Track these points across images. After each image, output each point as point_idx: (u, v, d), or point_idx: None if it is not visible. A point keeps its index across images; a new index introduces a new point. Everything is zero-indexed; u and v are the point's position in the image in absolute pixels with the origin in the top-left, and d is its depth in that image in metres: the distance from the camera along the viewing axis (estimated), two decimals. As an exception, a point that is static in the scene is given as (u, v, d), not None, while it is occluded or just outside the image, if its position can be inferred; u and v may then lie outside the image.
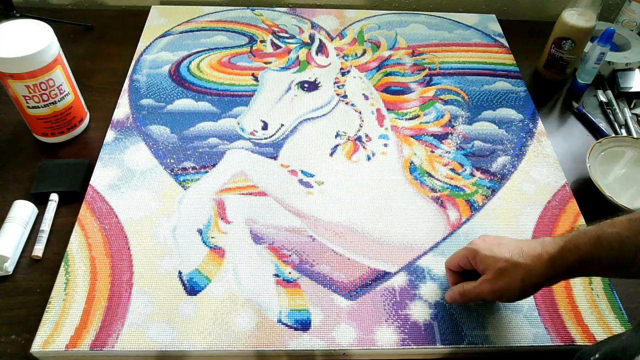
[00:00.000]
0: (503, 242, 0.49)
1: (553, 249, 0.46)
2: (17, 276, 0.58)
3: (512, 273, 0.46)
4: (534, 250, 0.46)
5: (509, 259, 0.47)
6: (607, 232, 0.44)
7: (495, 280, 0.47)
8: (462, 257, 0.52)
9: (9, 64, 0.61)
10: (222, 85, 0.80)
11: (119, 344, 0.51)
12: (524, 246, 0.47)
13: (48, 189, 0.64)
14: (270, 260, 0.59)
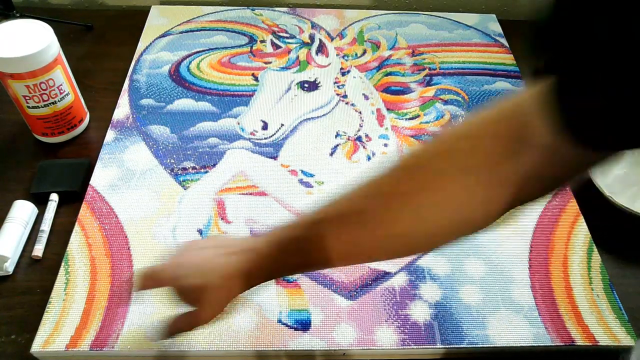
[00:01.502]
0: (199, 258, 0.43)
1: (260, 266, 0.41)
2: (17, 276, 0.58)
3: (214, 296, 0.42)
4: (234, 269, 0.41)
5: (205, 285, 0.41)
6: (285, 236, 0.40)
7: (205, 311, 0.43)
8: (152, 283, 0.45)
9: (9, 64, 0.61)
10: (222, 85, 0.80)
11: (119, 344, 0.51)
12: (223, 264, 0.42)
13: (48, 189, 0.64)
14: (271, 260, 0.59)
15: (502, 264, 0.60)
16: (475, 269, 0.59)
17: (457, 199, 0.35)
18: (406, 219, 0.36)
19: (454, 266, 0.59)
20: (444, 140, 0.36)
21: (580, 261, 0.61)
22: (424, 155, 0.37)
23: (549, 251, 0.62)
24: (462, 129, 0.37)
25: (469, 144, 0.35)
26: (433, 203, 0.35)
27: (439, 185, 0.35)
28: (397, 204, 0.36)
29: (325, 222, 0.39)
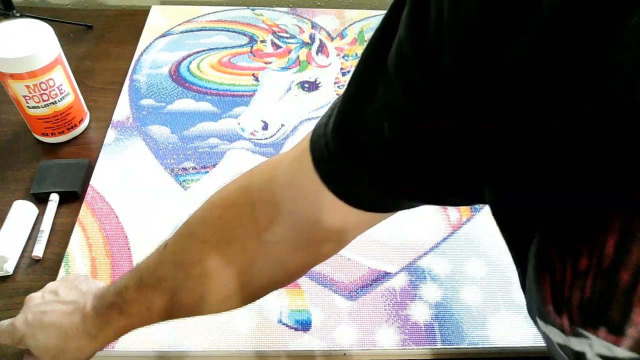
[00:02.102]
0: (45, 321, 0.43)
1: (91, 327, 0.42)
2: (17, 276, 0.58)
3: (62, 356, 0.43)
4: (76, 330, 0.42)
5: (54, 349, 0.43)
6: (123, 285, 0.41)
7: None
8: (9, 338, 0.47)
9: (9, 64, 0.61)
10: (222, 85, 0.80)
11: (119, 344, 0.51)
12: (66, 326, 0.43)
13: (48, 189, 0.64)
14: (271, 260, 0.59)
15: (502, 264, 0.60)
16: (476, 269, 0.59)
17: (228, 269, 0.36)
18: (193, 286, 0.37)
19: (454, 266, 0.59)
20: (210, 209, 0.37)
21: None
22: (196, 224, 0.38)
23: (549, 251, 0.61)
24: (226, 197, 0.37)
25: (232, 213, 0.35)
26: (209, 273, 0.36)
27: (209, 255, 0.36)
28: (183, 273, 0.37)
29: (129, 288, 0.40)
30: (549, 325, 0.21)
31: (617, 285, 0.17)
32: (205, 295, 0.38)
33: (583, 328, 0.19)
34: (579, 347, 0.19)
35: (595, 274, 0.18)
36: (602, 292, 0.18)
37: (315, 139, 0.30)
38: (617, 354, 0.18)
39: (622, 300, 0.17)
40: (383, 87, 0.25)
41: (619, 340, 0.17)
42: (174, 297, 0.38)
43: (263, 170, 0.36)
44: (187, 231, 0.38)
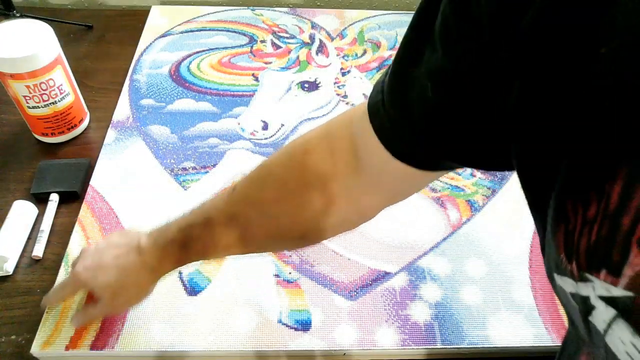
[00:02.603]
0: (104, 262, 0.47)
1: (150, 259, 0.46)
2: (17, 276, 0.58)
3: (124, 293, 0.47)
4: (134, 265, 0.46)
5: (114, 285, 0.46)
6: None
7: (113, 302, 0.48)
8: (72, 291, 0.51)
9: (9, 64, 0.61)
10: (222, 85, 0.80)
11: (119, 344, 0.51)
12: (123, 263, 0.46)
13: (48, 189, 0.64)
14: (271, 260, 0.59)
15: (502, 264, 0.60)
16: (476, 269, 0.59)
17: (305, 210, 0.39)
18: (266, 224, 0.41)
19: (454, 266, 0.59)
20: (292, 153, 0.40)
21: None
22: (274, 167, 0.41)
23: (549, 251, 0.61)
24: (306, 143, 0.40)
25: (313, 159, 0.38)
26: (285, 212, 0.40)
27: (287, 197, 0.39)
28: (257, 212, 0.41)
29: (196, 224, 0.43)
30: (564, 276, 0.22)
31: (619, 229, 0.19)
32: (277, 233, 0.41)
33: (588, 272, 0.20)
34: (585, 291, 0.21)
35: (602, 220, 0.20)
36: (605, 237, 0.19)
37: (374, 94, 0.33)
38: (614, 293, 0.19)
39: (622, 242, 0.19)
40: (429, 51, 0.28)
41: (617, 280, 0.19)
42: (245, 234, 0.42)
43: (341, 120, 0.38)
44: (264, 173, 0.41)
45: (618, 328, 0.19)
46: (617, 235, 0.19)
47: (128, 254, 0.47)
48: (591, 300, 0.21)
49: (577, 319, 0.23)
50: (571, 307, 0.23)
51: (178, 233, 0.44)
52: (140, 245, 0.46)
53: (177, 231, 0.44)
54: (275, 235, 0.42)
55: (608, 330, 0.20)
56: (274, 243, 0.44)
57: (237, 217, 0.41)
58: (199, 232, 0.43)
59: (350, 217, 0.40)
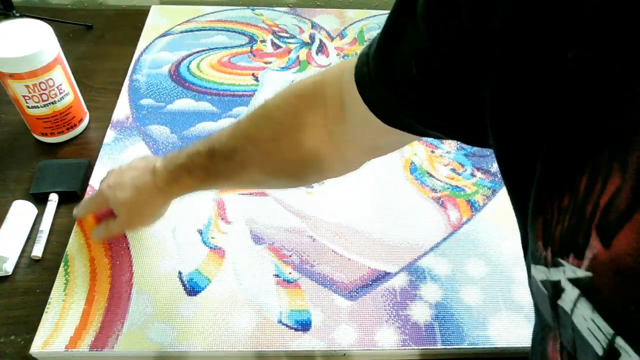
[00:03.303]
0: (123, 181, 0.53)
1: (160, 181, 0.50)
2: (17, 276, 0.57)
3: (138, 211, 0.53)
4: (148, 186, 0.51)
5: (130, 202, 0.52)
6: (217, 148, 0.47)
7: (129, 218, 0.54)
8: (97, 205, 0.58)
9: (9, 64, 0.61)
10: (222, 85, 0.80)
11: (118, 344, 0.51)
12: (139, 183, 0.52)
13: (48, 189, 0.64)
14: (271, 260, 0.59)
15: (502, 264, 0.60)
16: (476, 269, 0.59)
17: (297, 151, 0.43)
18: (263, 160, 0.45)
19: (454, 267, 0.59)
20: (288, 96, 0.44)
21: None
22: (272, 108, 0.44)
23: (549, 251, 0.61)
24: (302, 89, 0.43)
25: (305, 103, 0.42)
26: (278, 150, 0.44)
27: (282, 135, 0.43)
28: (255, 148, 0.44)
29: (202, 153, 0.47)
30: (538, 265, 0.25)
31: (584, 216, 0.21)
32: (271, 169, 0.45)
33: (560, 257, 0.22)
34: (556, 276, 0.23)
35: (572, 209, 0.22)
36: (574, 224, 0.22)
37: (359, 65, 0.36)
38: (578, 274, 0.21)
39: (585, 228, 0.21)
40: (411, 30, 0.30)
41: (581, 262, 0.21)
42: (242, 167, 0.46)
43: (334, 73, 0.41)
44: (263, 112, 0.45)
45: (581, 306, 0.21)
46: (582, 222, 0.21)
47: (144, 175, 0.51)
48: (561, 283, 0.22)
49: (544, 307, 0.25)
50: (540, 296, 0.25)
51: (186, 159, 0.48)
52: (154, 168, 0.51)
53: (185, 157, 0.48)
54: (269, 171, 0.45)
55: (574, 309, 0.22)
56: (267, 179, 0.48)
57: (236, 151, 0.45)
58: (203, 161, 0.47)
59: (335, 164, 0.44)
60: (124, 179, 0.53)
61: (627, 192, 0.19)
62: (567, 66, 0.21)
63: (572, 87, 0.21)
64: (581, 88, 0.21)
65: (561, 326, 0.24)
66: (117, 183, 0.53)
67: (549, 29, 0.22)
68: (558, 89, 0.22)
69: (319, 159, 0.43)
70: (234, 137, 0.46)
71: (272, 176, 0.46)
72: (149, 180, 0.51)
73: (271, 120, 0.44)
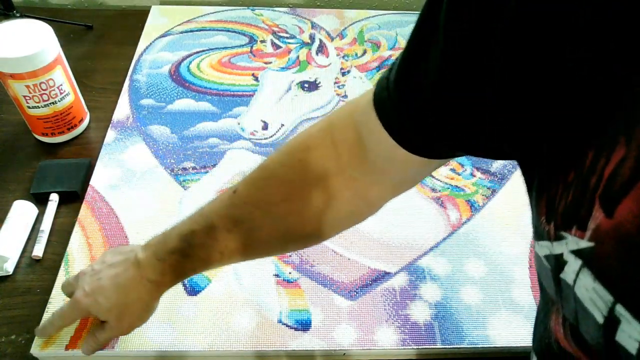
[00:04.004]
0: (103, 284, 0.46)
1: (150, 273, 0.44)
2: (17, 276, 0.58)
3: (128, 313, 0.46)
4: (134, 282, 0.45)
5: (117, 306, 0.45)
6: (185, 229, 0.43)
7: (120, 324, 0.47)
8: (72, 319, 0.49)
9: (9, 64, 0.61)
10: (222, 85, 0.80)
11: (119, 344, 0.51)
12: (122, 282, 0.45)
13: (48, 189, 0.64)
14: (271, 260, 0.59)
15: (502, 264, 0.60)
16: (476, 269, 0.59)
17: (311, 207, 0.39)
18: (274, 225, 0.40)
19: (454, 266, 0.59)
20: (292, 151, 0.40)
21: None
22: (276, 167, 0.40)
23: (549, 251, 0.61)
24: (307, 139, 0.40)
25: (315, 155, 0.38)
26: (290, 211, 0.40)
27: (293, 195, 0.39)
28: (262, 212, 0.40)
29: (197, 231, 0.42)
30: (542, 241, 0.25)
31: (588, 188, 0.22)
32: (283, 234, 0.41)
33: (563, 230, 0.23)
34: (559, 249, 0.24)
35: (577, 183, 0.22)
36: (578, 197, 0.22)
37: (378, 91, 0.34)
38: (581, 245, 0.22)
39: (589, 199, 0.21)
40: (434, 49, 0.28)
41: (584, 234, 0.22)
42: (250, 238, 0.41)
43: (343, 114, 0.38)
44: (265, 174, 0.41)
45: (583, 277, 0.22)
46: (586, 193, 0.22)
47: (126, 271, 0.45)
48: (564, 256, 0.23)
49: (547, 283, 0.26)
50: (544, 272, 0.26)
51: (179, 242, 0.43)
52: (138, 260, 0.45)
53: (177, 240, 0.43)
54: (282, 236, 0.41)
55: (576, 280, 0.22)
56: (280, 244, 0.43)
57: (241, 221, 0.41)
58: (202, 240, 0.42)
59: (357, 209, 0.40)
60: (103, 281, 0.46)
61: (631, 162, 0.20)
62: (567, 66, 0.22)
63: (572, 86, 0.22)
64: (581, 88, 0.22)
65: (563, 299, 0.24)
66: (95, 288, 0.46)
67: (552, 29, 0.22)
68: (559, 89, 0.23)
69: (337, 211, 0.39)
70: (234, 205, 0.41)
71: (286, 240, 0.42)
72: (134, 275, 0.44)
73: (277, 180, 0.40)
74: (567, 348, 0.26)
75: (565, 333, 0.26)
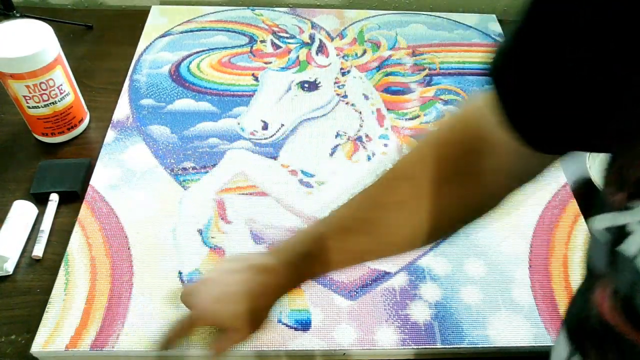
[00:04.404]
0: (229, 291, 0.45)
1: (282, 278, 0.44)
2: (17, 276, 0.58)
3: (257, 319, 0.45)
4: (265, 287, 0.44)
5: (248, 312, 0.44)
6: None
7: (246, 330, 0.45)
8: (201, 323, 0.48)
9: (9, 64, 0.61)
10: (222, 85, 0.80)
11: (119, 344, 0.51)
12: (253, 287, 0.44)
13: (48, 189, 0.64)
14: (271, 260, 0.59)
15: (502, 264, 0.60)
16: (476, 269, 0.59)
17: (444, 202, 0.39)
18: (407, 223, 0.40)
19: (454, 266, 0.59)
20: (422, 150, 0.40)
21: (581, 261, 0.61)
22: (409, 166, 0.41)
23: (549, 251, 0.62)
24: (434, 138, 0.40)
25: (443, 152, 0.39)
26: (425, 208, 0.39)
27: (427, 192, 0.39)
28: (395, 213, 0.40)
29: (330, 235, 0.42)
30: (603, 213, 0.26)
31: None
32: (415, 233, 0.41)
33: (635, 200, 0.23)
34: (623, 220, 0.24)
35: None
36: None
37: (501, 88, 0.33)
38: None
39: None
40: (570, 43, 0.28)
41: None
42: (382, 239, 0.41)
43: (471, 112, 0.38)
44: (395, 175, 0.41)
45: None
46: None
47: (255, 276, 0.44)
48: (629, 226, 0.24)
49: (598, 256, 0.27)
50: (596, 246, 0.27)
51: (310, 246, 0.43)
52: (265, 266, 0.44)
53: (309, 244, 0.43)
54: (412, 236, 0.41)
55: (638, 254, 0.23)
56: (411, 243, 0.43)
57: (372, 223, 0.41)
58: (334, 243, 0.42)
59: (482, 205, 0.41)
60: (231, 287, 0.45)
61: None
62: (567, 66, 0.22)
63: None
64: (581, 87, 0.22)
65: (618, 272, 0.24)
66: (220, 295, 0.45)
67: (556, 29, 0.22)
68: None
69: (466, 207, 0.40)
70: (363, 207, 0.42)
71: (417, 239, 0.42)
72: (264, 281, 0.44)
73: (410, 180, 0.40)
74: (611, 321, 0.26)
75: (613, 306, 0.26)
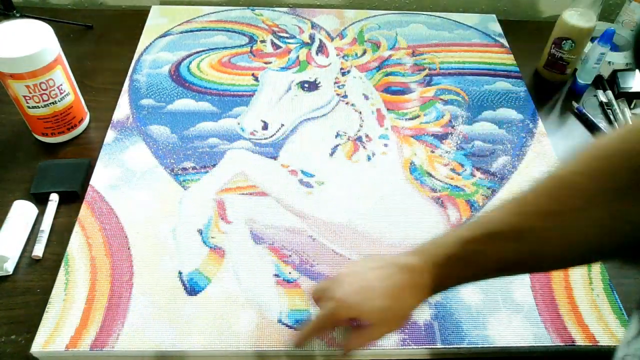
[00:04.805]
0: (370, 285, 0.44)
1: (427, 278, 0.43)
2: (17, 276, 0.58)
3: (397, 316, 0.44)
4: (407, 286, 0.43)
5: (389, 308, 0.43)
6: None
7: (383, 327, 0.44)
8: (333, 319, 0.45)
9: (9, 64, 0.61)
10: (222, 85, 0.80)
11: (119, 344, 0.51)
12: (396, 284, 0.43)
13: (48, 189, 0.64)
14: (271, 260, 0.59)
15: (502, 264, 0.60)
16: (476, 269, 0.59)
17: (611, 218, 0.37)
18: (566, 235, 0.39)
19: (454, 266, 0.59)
20: (589, 160, 0.39)
21: (581, 261, 0.61)
22: (572, 175, 0.39)
23: (549, 251, 0.61)
24: (601, 149, 0.39)
25: (615, 163, 0.37)
26: (582, 223, 0.38)
27: (590, 204, 0.37)
28: (550, 223, 0.39)
29: (479, 239, 0.41)
30: None
31: None
32: (574, 246, 0.39)
33: None
34: None
35: None
36: None
37: None
38: None
39: None
40: None
41: None
42: (537, 249, 0.40)
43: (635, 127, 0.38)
44: (557, 183, 0.40)
45: None
46: None
47: (396, 274, 0.43)
48: None
49: None
50: None
51: (458, 248, 0.42)
52: (409, 265, 0.43)
53: (457, 245, 0.42)
54: (563, 251, 0.39)
55: None
56: (561, 259, 0.41)
57: (527, 231, 0.40)
58: (484, 247, 0.41)
59: None
60: (372, 282, 0.44)
61: None
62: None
63: None
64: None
65: None
66: (362, 287, 0.44)
67: None
68: None
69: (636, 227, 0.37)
70: (519, 213, 0.40)
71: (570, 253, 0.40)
72: (408, 280, 0.43)
73: (572, 190, 0.38)
74: None
75: None
